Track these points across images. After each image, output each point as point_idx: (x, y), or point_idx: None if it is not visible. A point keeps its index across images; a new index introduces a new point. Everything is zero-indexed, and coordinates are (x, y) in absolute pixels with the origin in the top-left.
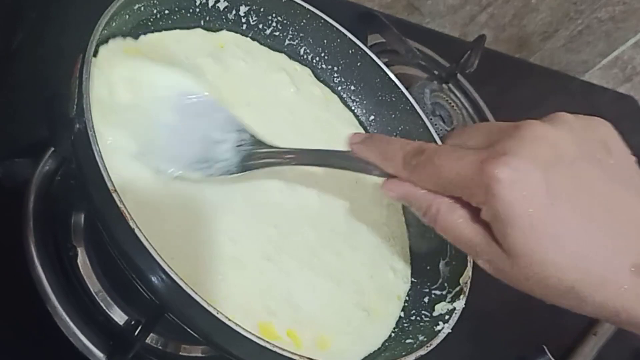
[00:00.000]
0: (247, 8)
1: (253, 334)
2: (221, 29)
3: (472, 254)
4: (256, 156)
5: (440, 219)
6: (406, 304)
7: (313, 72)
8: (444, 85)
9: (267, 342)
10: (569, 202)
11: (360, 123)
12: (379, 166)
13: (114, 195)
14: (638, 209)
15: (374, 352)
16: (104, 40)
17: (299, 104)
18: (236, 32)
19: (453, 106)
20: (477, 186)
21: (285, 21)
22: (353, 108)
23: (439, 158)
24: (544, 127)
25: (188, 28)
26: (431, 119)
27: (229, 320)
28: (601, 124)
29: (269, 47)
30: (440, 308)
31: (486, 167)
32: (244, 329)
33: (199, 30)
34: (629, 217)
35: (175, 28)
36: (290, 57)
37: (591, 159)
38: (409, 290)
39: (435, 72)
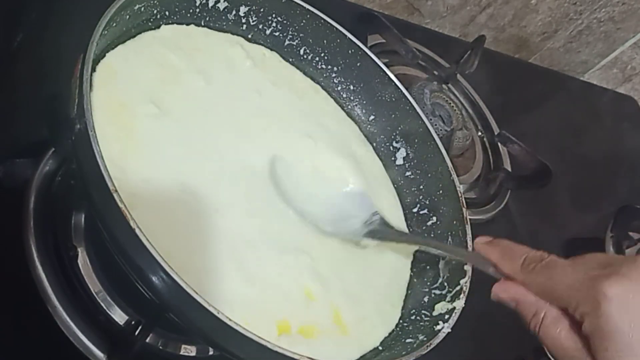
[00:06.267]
0: (247, 8)
1: (253, 334)
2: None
3: None
4: (381, 234)
5: (544, 327)
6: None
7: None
8: (443, 86)
9: (267, 341)
10: None
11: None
12: (497, 264)
13: (114, 195)
14: None
15: (374, 350)
16: None
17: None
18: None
19: (453, 106)
20: (585, 299)
21: (285, 21)
22: (353, 107)
23: (555, 267)
24: None
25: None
26: (431, 119)
27: (229, 320)
28: None
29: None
30: (440, 307)
31: (597, 283)
32: (244, 328)
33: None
34: None
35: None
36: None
37: None
38: (409, 290)
39: (435, 73)
